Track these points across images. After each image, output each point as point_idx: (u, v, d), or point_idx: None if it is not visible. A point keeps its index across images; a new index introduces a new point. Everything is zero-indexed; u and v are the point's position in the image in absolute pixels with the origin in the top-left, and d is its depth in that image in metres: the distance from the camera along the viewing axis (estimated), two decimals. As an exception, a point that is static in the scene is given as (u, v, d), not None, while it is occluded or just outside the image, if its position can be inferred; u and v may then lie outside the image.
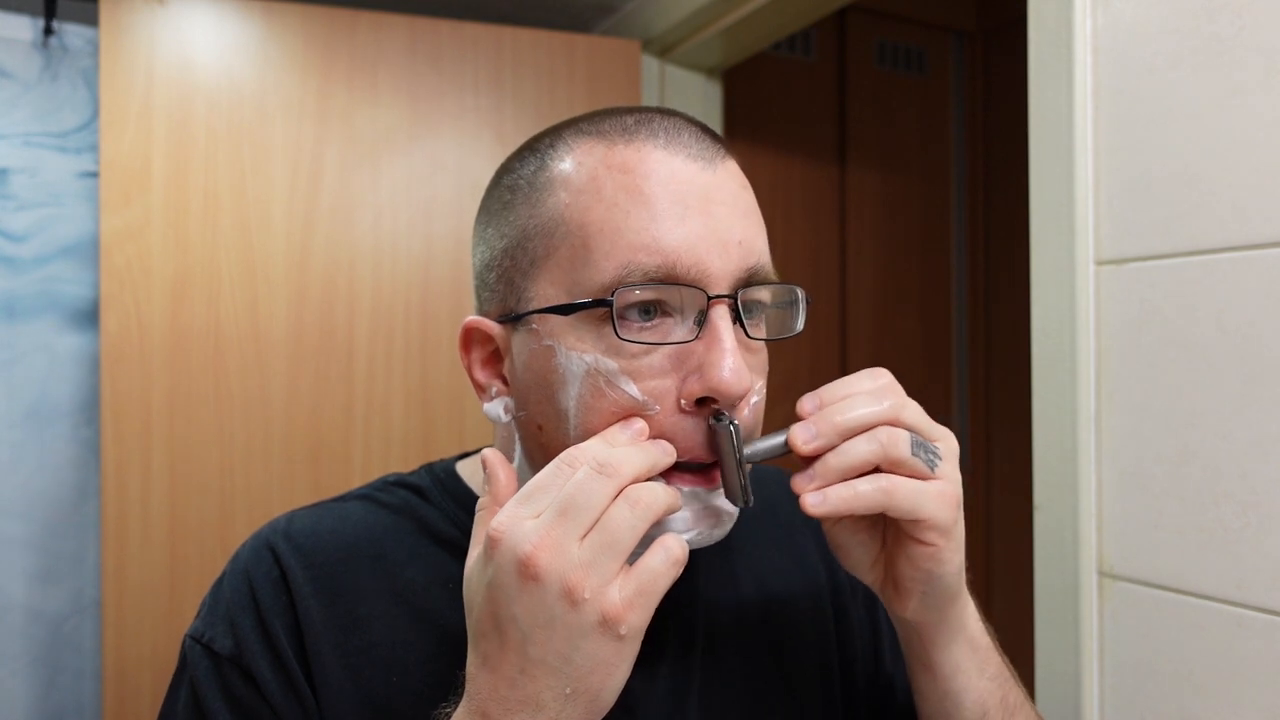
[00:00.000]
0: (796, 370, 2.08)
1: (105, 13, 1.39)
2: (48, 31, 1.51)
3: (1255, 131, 0.81)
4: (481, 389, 0.60)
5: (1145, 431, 0.90)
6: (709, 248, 0.52)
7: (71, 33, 1.54)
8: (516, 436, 0.60)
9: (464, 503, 0.64)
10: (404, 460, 1.52)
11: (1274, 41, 0.80)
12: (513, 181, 0.58)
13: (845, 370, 2.16)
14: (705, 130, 0.58)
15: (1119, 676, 0.92)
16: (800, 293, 0.58)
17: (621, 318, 0.52)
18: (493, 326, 0.59)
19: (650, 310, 0.53)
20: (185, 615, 1.41)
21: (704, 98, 1.80)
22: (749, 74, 1.97)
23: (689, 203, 0.53)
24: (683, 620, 0.63)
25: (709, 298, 0.52)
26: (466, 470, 0.67)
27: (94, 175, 1.54)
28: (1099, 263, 0.94)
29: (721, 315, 0.52)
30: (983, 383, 2.37)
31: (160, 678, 1.41)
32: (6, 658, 1.51)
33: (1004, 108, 2.31)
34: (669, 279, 0.52)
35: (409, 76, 1.54)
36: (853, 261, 2.19)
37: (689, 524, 0.54)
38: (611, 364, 0.52)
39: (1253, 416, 0.81)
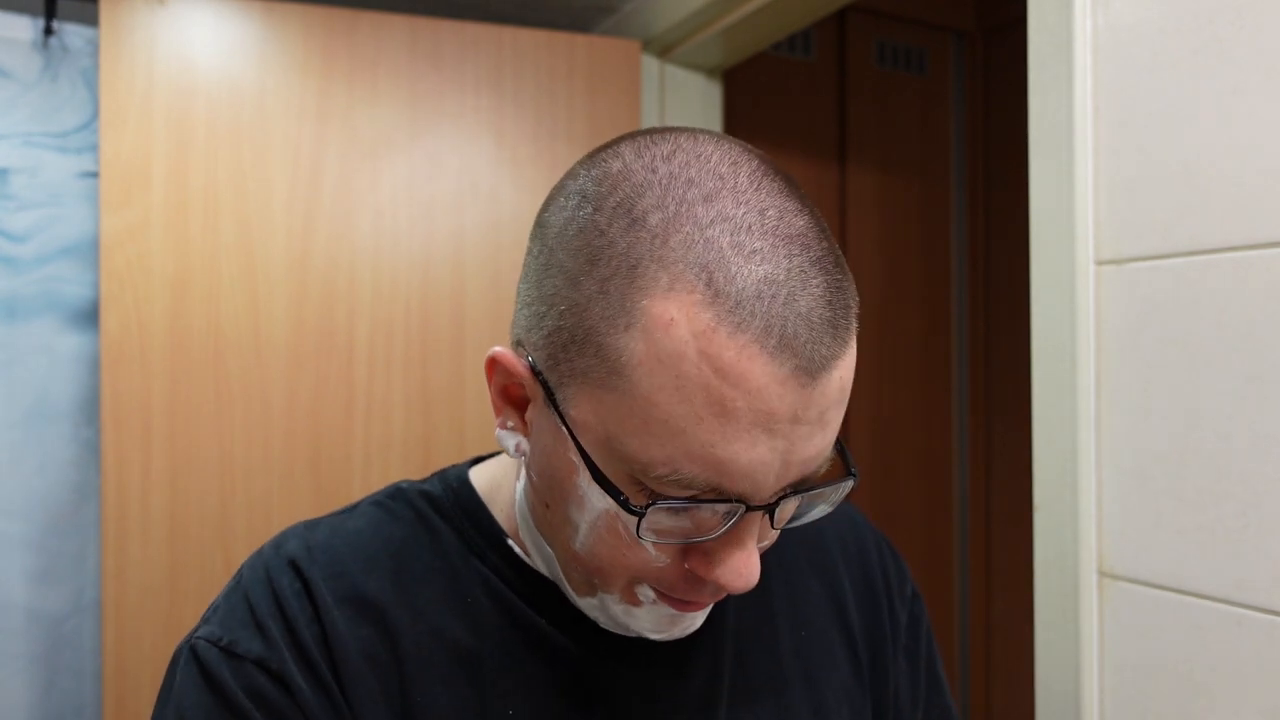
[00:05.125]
0: (796, 370, 2.08)
1: (105, 13, 1.39)
2: (48, 31, 1.51)
3: (1255, 131, 0.81)
4: (498, 412, 0.57)
5: (1145, 431, 0.90)
6: (769, 471, 0.47)
7: (71, 33, 1.54)
8: (524, 479, 0.58)
9: (475, 517, 0.62)
10: (404, 460, 1.52)
11: (1274, 41, 0.80)
12: (601, 244, 0.47)
13: (845, 370, 2.15)
14: (840, 308, 0.47)
15: (1119, 676, 0.92)
16: (852, 482, 0.52)
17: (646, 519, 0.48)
18: (523, 372, 0.52)
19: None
20: (185, 615, 1.41)
21: (704, 98, 1.80)
22: (749, 74, 1.97)
23: (769, 426, 0.46)
24: (712, 642, 0.62)
25: (747, 508, 0.48)
26: (480, 478, 0.65)
27: (94, 175, 1.54)
28: (1099, 263, 0.94)
29: (751, 522, 0.49)
30: (983, 383, 2.37)
31: (160, 678, 1.40)
32: (6, 658, 1.50)
33: (1004, 108, 2.31)
34: (713, 491, 0.47)
35: (409, 76, 1.54)
36: (853, 261, 2.19)
37: (662, 626, 0.56)
38: (632, 518, 0.49)
39: (1253, 416, 0.81)
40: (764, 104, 2.07)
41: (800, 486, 0.49)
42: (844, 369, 0.48)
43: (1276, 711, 0.79)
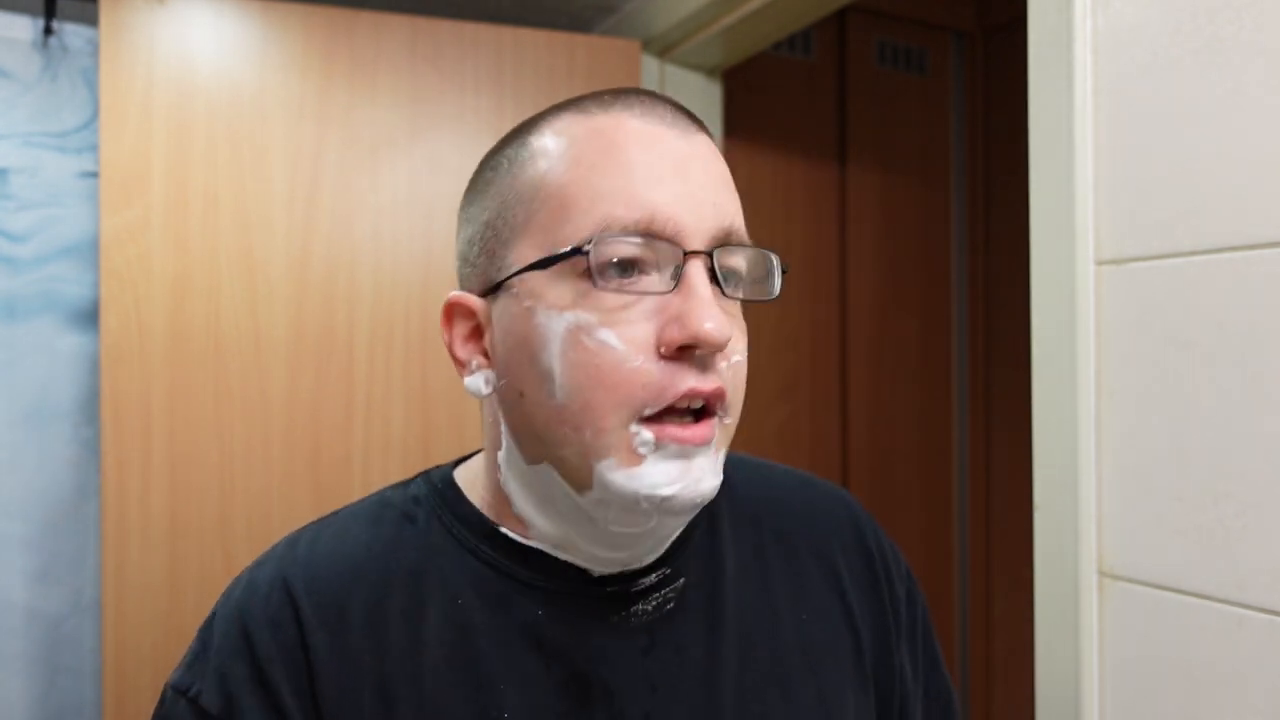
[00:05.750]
0: (797, 371, 2.08)
1: (105, 13, 1.39)
2: (48, 31, 1.51)
3: (1255, 131, 0.81)
4: (462, 364, 0.61)
5: (1145, 431, 0.90)
6: (686, 207, 0.54)
7: (71, 33, 1.54)
8: (500, 415, 0.60)
9: (461, 516, 0.62)
10: (404, 460, 1.52)
11: (1274, 41, 0.80)
12: (496, 162, 0.61)
13: (845, 370, 2.16)
14: (680, 107, 0.60)
15: (1119, 676, 0.92)
16: (775, 260, 0.59)
17: (600, 274, 0.53)
18: (475, 301, 0.60)
19: (628, 268, 0.54)
20: (185, 615, 1.41)
21: (704, 98, 1.80)
22: (749, 74, 1.97)
23: (666, 164, 0.55)
24: (713, 631, 0.62)
25: (685, 253, 0.54)
26: (464, 477, 0.65)
27: (94, 175, 1.54)
28: (1099, 263, 0.94)
29: (698, 270, 0.54)
30: (983, 383, 2.37)
31: (160, 678, 1.40)
32: (6, 658, 1.51)
33: (1004, 108, 2.31)
34: (646, 233, 0.53)
35: (409, 76, 1.54)
36: (853, 261, 2.19)
37: (671, 478, 0.54)
38: (590, 316, 0.53)
39: (1253, 416, 0.81)
40: (764, 104, 2.07)
41: (727, 241, 0.56)
42: (714, 147, 0.59)
43: (1276, 711, 0.79)
